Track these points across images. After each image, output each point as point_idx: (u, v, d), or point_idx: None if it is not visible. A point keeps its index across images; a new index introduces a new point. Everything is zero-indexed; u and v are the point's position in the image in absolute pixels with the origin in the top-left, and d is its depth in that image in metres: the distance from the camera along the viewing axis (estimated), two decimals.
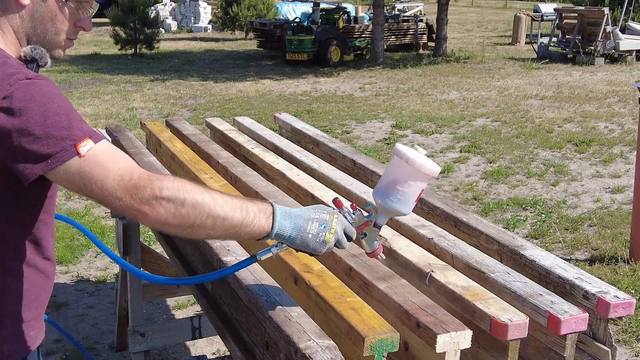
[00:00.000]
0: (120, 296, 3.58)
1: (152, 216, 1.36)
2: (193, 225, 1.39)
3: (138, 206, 1.35)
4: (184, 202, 1.36)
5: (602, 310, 1.74)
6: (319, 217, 1.52)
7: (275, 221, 1.48)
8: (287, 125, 3.70)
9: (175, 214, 1.36)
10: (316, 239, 1.51)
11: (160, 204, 1.35)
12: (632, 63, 14.45)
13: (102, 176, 1.33)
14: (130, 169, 1.36)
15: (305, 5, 21.32)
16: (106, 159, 1.34)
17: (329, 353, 1.46)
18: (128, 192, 1.34)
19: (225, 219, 1.41)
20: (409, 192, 1.63)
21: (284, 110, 9.20)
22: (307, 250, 1.53)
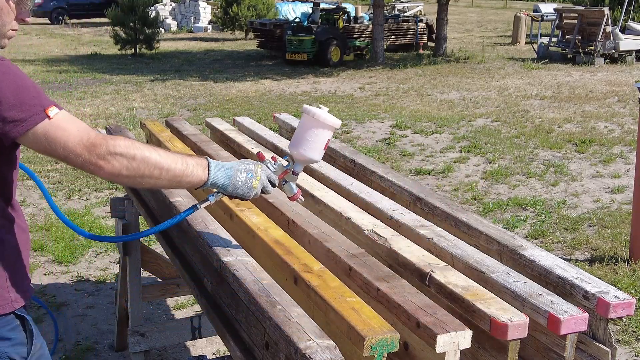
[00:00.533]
0: (120, 296, 3.58)
1: (107, 169, 1.62)
2: (143, 175, 1.67)
3: (95, 161, 1.60)
4: (135, 156, 1.63)
5: (602, 310, 1.74)
6: (246, 168, 1.82)
7: (211, 172, 1.76)
8: (287, 125, 3.70)
9: (127, 166, 1.63)
10: (245, 185, 1.81)
11: (115, 159, 1.61)
12: (632, 63, 14.45)
13: (65, 137, 1.59)
14: (88, 130, 1.62)
15: (305, 5, 21.32)
16: (68, 123, 1.60)
17: (329, 353, 1.46)
18: (87, 150, 1.59)
19: (169, 170, 1.69)
20: (317, 141, 1.97)
21: (284, 110, 9.20)
22: (238, 195, 1.82)
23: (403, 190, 2.60)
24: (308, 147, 1.97)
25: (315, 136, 1.97)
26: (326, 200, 2.45)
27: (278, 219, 2.30)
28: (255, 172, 1.83)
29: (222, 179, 1.79)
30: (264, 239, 2.10)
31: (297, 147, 1.98)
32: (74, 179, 6.71)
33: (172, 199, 2.46)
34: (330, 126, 1.98)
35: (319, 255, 2.02)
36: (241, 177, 1.81)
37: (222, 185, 1.79)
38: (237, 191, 1.82)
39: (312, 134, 1.97)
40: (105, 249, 5.08)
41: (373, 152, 7.71)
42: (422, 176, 6.89)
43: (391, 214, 2.33)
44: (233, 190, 1.81)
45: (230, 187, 1.80)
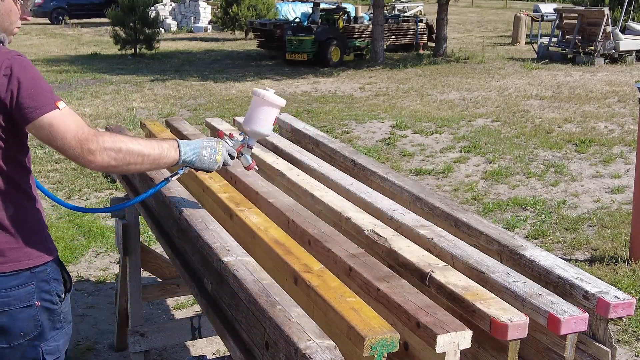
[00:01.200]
0: (120, 296, 3.58)
1: (98, 162, 1.93)
2: (129, 163, 1.98)
3: (87, 155, 1.91)
4: (120, 149, 1.94)
5: (602, 310, 1.74)
6: (209, 145, 2.15)
7: (181, 151, 2.09)
8: (287, 125, 3.70)
9: (115, 158, 1.94)
10: (210, 160, 2.14)
11: (105, 153, 1.92)
12: (632, 63, 14.45)
13: (64, 131, 1.88)
14: (83, 126, 1.92)
15: (305, 5, 21.31)
16: (70, 119, 1.90)
17: (329, 353, 1.46)
18: (79, 144, 1.89)
19: (149, 156, 2.01)
20: (266, 118, 2.28)
21: (284, 110, 9.19)
22: (204, 168, 2.15)
23: (403, 190, 2.60)
24: (258, 123, 2.28)
25: (264, 114, 2.28)
26: (326, 200, 2.45)
27: (278, 219, 2.30)
28: (217, 148, 2.16)
29: (191, 156, 2.11)
30: (264, 239, 2.10)
31: (249, 124, 2.29)
32: (74, 179, 6.71)
33: (172, 198, 2.46)
34: (277, 105, 2.29)
35: (319, 255, 2.02)
36: (206, 153, 2.13)
37: (191, 161, 2.12)
38: (203, 165, 2.14)
39: (262, 112, 2.28)
40: (105, 249, 5.08)
41: (373, 152, 7.71)
42: (422, 176, 6.89)
43: (391, 214, 2.33)
44: (200, 165, 2.14)
45: (198, 162, 2.13)
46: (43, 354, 2.14)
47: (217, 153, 2.15)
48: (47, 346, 2.14)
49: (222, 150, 2.17)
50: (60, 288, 2.16)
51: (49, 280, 2.10)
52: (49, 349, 2.14)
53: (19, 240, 2.04)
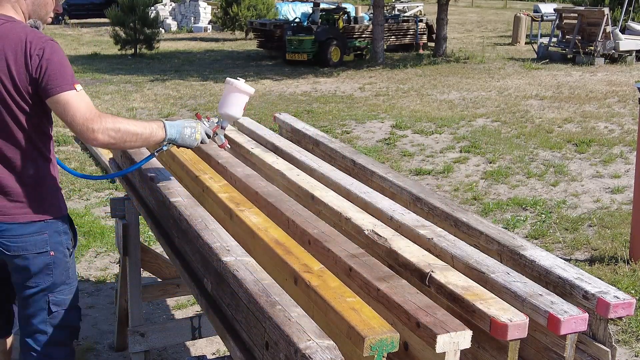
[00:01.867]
0: (120, 296, 3.58)
1: (100, 140, 2.29)
2: (125, 141, 2.35)
3: (90, 133, 2.27)
4: (119, 129, 2.31)
5: (602, 310, 1.74)
6: (190, 125, 2.50)
7: (167, 131, 2.44)
8: (287, 125, 3.70)
9: (114, 137, 2.30)
10: (190, 138, 2.49)
11: (105, 132, 2.27)
12: (632, 63, 14.45)
13: (76, 109, 2.25)
14: (91, 108, 2.29)
15: (305, 5, 21.32)
16: (82, 100, 2.28)
17: (329, 353, 1.46)
18: (85, 123, 2.25)
19: (142, 135, 2.37)
20: (237, 103, 2.63)
21: (284, 110, 9.19)
22: (185, 145, 2.50)
23: (403, 190, 2.60)
24: (230, 107, 2.63)
25: (235, 99, 2.63)
26: (326, 200, 2.45)
27: (278, 219, 2.30)
28: (197, 128, 2.51)
29: (175, 134, 2.47)
30: (264, 239, 2.10)
31: (222, 108, 2.64)
32: (74, 179, 6.71)
33: (172, 199, 2.47)
34: (246, 92, 2.64)
35: (319, 255, 2.02)
36: (187, 132, 2.49)
37: (175, 139, 2.47)
38: (184, 142, 2.50)
39: (233, 98, 2.64)
40: (105, 249, 5.08)
41: (373, 152, 7.71)
42: (422, 176, 6.89)
43: (391, 214, 2.33)
44: (182, 142, 2.50)
45: (180, 140, 2.48)
46: (49, 303, 2.49)
47: (196, 132, 2.51)
48: (55, 297, 2.50)
49: (200, 130, 2.53)
50: (69, 242, 2.54)
51: (60, 232, 2.47)
52: (56, 300, 2.51)
53: (36, 195, 2.39)
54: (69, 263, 2.56)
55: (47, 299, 2.49)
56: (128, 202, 3.27)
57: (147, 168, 2.83)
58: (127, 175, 3.24)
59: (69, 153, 7.69)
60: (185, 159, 2.97)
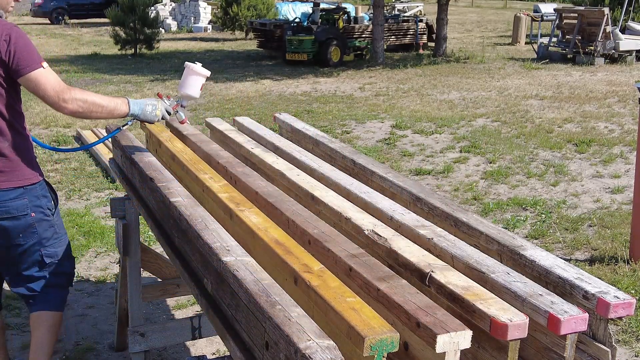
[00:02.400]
0: (120, 296, 3.58)
1: (69, 108, 2.69)
2: (91, 111, 2.75)
3: (62, 103, 2.67)
4: (86, 100, 2.72)
5: (602, 310, 1.74)
6: (151, 103, 2.88)
7: (130, 106, 2.83)
8: (287, 125, 3.70)
9: (82, 106, 2.71)
10: (151, 114, 2.87)
11: (74, 102, 2.69)
12: (632, 63, 14.45)
13: (45, 84, 2.64)
14: (59, 82, 2.68)
15: (305, 5, 21.32)
16: (50, 75, 2.67)
17: (329, 353, 1.46)
18: (56, 95, 2.66)
19: (107, 107, 2.78)
20: (194, 84, 2.98)
21: (284, 110, 9.19)
22: (147, 120, 2.89)
23: (403, 190, 2.60)
24: (188, 88, 2.98)
25: (192, 81, 2.98)
26: (326, 200, 2.45)
27: (278, 219, 2.30)
28: (157, 105, 2.89)
29: (137, 110, 2.85)
30: (264, 239, 2.10)
31: (181, 89, 2.99)
32: (74, 179, 6.71)
33: (172, 199, 2.47)
34: (202, 74, 2.99)
35: (319, 255, 2.02)
36: (149, 109, 2.87)
37: (137, 114, 2.85)
38: (146, 118, 2.88)
39: (191, 80, 2.98)
40: (105, 249, 5.08)
41: (373, 152, 7.71)
42: (422, 176, 6.89)
43: (391, 214, 2.33)
44: (144, 117, 2.88)
45: (142, 115, 2.86)
46: (43, 256, 2.93)
47: (157, 109, 2.88)
48: (47, 250, 2.94)
49: (160, 107, 2.90)
50: (50, 204, 2.92)
51: (38, 196, 2.86)
52: (48, 253, 2.94)
53: (14, 165, 2.78)
54: (53, 221, 2.95)
55: (40, 252, 2.91)
56: (128, 202, 3.27)
57: (147, 168, 2.83)
58: (127, 175, 3.25)
59: (70, 153, 7.69)
60: (185, 159, 2.97)
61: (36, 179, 2.83)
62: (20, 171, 2.78)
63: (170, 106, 2.94)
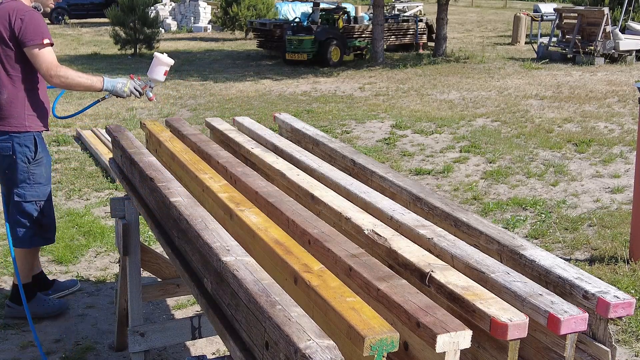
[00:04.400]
0: (120, 296, 3.58)
1: (55, 82, 3.61)
2: (71, 85, 3.67)
3: (49, 77, 3.59)
4: (67, 77, 3.63)
5: (602, 310, 1.74)
6: (122, 81, 3.78)
7: (104, 84, 3.76)
8: (287, 125, 3.70)
9: (64, 82, 3.63)
10: (121, 90, 3.78)
11: (59, 78, 3.61)
12: (632, 63, 14.45)
13: (42, 61, 3.57)
14: (53, 61, 3.60)
15: (305, 5, 21.31)
16: (47, 55, 3.58)
17: (329, 353, 1.46)
18: (47, 70, 3.58)
19: (84, 84, 3.71)
20: (160, 70, 3.88)
21: (284, 110, 9.19)
22: (117, 94, 3.80)
23: (403, 190, 2.60)
24: (154, 73, 3.89)
25: (158, 67, 3.87)
26: (326, 200, 2.45)
27: (278, 219, 2.30)
28: (127, 84, 3.79)
29: (110, 87, 3.77)
30: (264, 239, 2.10)
31: (150, 74, 3.89)
32: (74, 179, 6.71)
33: (172, 198, 2.47)
34: (166, 63, 3.88)
35: (319, 255, 2.02)
36: (119, 86, 3.78)
37: (109, 89, 3.77)
38: (116, 92, 3.78)
39: (157, 67, 3.87)
40: (105, 249, 5.08)
41: (373, 152, 7.71)
42: (422, 176, 6.90)
43: (391, 214, 2.33)
44: (114, 92, 3.79)
45: (113, 90, 3.78)
46: (14, 195, 3.76)
47: (125, 86, 3.78)
48: (17, 191, 3.77)
49: (129, 85, 3.80)
50: (30, 154, 3.71)
51: (21, 144, 3.68)
52: (18, 193, 3.77)
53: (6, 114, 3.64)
54: (29, 168, 3.73)
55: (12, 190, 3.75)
56: (128, 202, 3.27)
57: (147, 168, 2.83)
58: (127, 175, 3.25)
59: (69, 153, 7.69)
60: (185, 159, 2.97)
61: (24, 129, 3.66)
62: (10, 120, 3.64)
63: (140, 86, 3.83)
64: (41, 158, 3.76)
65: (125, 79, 3.76)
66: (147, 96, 3.87)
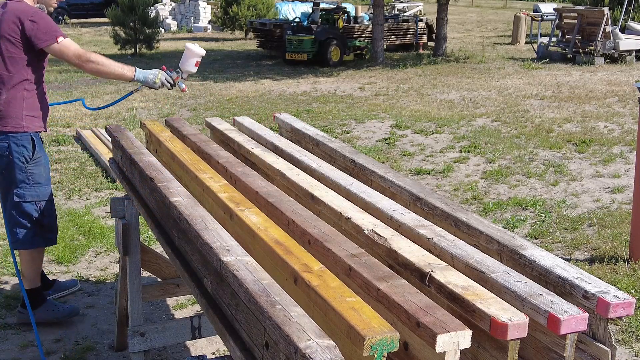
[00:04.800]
0: (120, 296, 3.58)
1: (87, 68, 3.65)
2: (103, 72, 3.69)
3: (82, 63, 3.63)
4: (99, 63, 3.64)
5: (602, 310, 1.74)
6: (153, 72, 3.75)
7: (136, 74, 3.72)
8: (287, 125, 3.70)
9: (95, 68, 3.66)
10: (152, 81, 3.73)
11: (91, 63, 3.65)
12: (631, 63, 14.45)
13: (67, 51, 3.62)
14: (78, 49, 3.67)
15: (305, 5, 21.31)
16: (69, 46, 3.64)
17: (329, 353, 1.46)
18: (77, 58, 3.64)
19: (116, 71, 3.72)
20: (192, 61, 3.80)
21: (284, 110, 9.19)
22: (149, 85, 3.75)
23: (403, 190, 2.60)
24: (186, 64, 3.81)
25: (191, 58, 3.79)
26: (326, 200, 2.45)
27: (278, 219, 2.30)
28: (158, 75, 3.75)
29: (141, 78, 3.72)
30: (264, 238, 2.10)
31: (181, 64, 3.81)
32: (74, 179, 6.71)
33: (172, 198, 2.47)
34: (198, 54, 3.80)
35: (318, 255, 2.02)
36: (150, 77, 3.73)
37: (141, 80, 3.73)
38: (147, 84, 3.74)
39: (189, 57, 3.79)
40: (105, 249, 5.08)
41: (373, 152, 7.71)
42: (422, 176, 6.90)
43: (391, 213, 2.33)
44: (146, 83, 3.74)
45: (144, 81, 3.73)
46: (14, 195, 3.72)
47: (156, 77, 3.73)
48: (17, 191, 3.72)
49: (160, 77, 3.75)
50: (27, 154, 3.68)
51: (18, 144, 3.66)
52: (18, 193, 3.72)
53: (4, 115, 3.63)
54: (28, 168, 3.70)
55: (12, 191, 3.70)
56: (128, 202, 3.27)
57: (147, 167, 2.83)
58: (127, 175, 3.25)
59: (69, 153, 7.69)
60: (185, 159, 2.97)
61: (21, 129, 3.64)
62: (7, 120, 3.62)
63: (172, 78, 3.77)
64: (39, 158, 3.73)
65: (157, 71, 3.73)
66: (180, 87, 3.82)
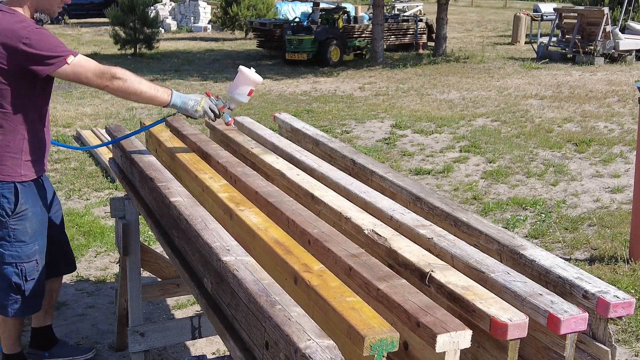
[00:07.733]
0: (120, 296, 3.58)
1: (111, 87, 2.81)
2: (130, 93, 2.85)
3: (105, 82, 2.79)
4: (127, 80, 2.84)
5: (602, 310, 1.74)
6: (194, 99, 2.91)
7: (172, 98, 2.88)
8: (287, 125, 3.70)
9: (122, 86, 2.83)
10: (192, 109, 2.89)
11: (117, 81, 2.81)
12: (631, 63, 14.45)
13: (85, 71, 2.78)
14: (98, 65, 2.81)
15: (305, 5, 21.31)
16: (85, 64, 2.79)
17: (329, 353, 1.46)
18: (98, 77, 2.79)
19: (146, 93, 2.87)
20: (245, 89, 3.01)
21: (284, 110, 9.18)
22: (187, 114, 2.91)
23: (403, 190, 2.60)
24: (239, 93, 3.01)
25: (243, 86, 3.01)
26: (326, 200, 2.45)
27: (278, 219, 2.30)
28: (200, 102, 2.91)
29: (179, 103, 2.89)
30: (264, 238, 2.10)
31: (232, 92, 3.01)
32: (74, 179, 6.71)
33: (172, 198, 2.47)
34: (255, 81, 3.04)
35: (318, 255, 2.02)
36: (190, 103, 2.89)
37: (179, 106, 2.89)
38: (187, 112, 2.91)
39: (242, 86, 3.01)
40: (105, 249, 5.08)
41: (373, 152, 7.71)
42: (422, 176, 6.90)
43: (391, 213, 2.33)
44: (184, 112, 2.91)
45: (183, 108, 2.89)
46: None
47: (198, 105, 2.89)
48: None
49: (204, 104, 2.91)
50: (9, 206, 2.94)
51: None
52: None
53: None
54: (8, 223, 2.96)
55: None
56: (128, 202, 3.27)
57: (145, 165, 2.83)
58: (127, 175, 3.25)
59: (69, 153, 7.69)
60: (185, 159, 2.97)
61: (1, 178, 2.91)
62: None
63: (218, 106, 2.96)
64: (24, 211, 2.98)
65: (199, 96, 2.92)
66: (225, 120, 3.02)
